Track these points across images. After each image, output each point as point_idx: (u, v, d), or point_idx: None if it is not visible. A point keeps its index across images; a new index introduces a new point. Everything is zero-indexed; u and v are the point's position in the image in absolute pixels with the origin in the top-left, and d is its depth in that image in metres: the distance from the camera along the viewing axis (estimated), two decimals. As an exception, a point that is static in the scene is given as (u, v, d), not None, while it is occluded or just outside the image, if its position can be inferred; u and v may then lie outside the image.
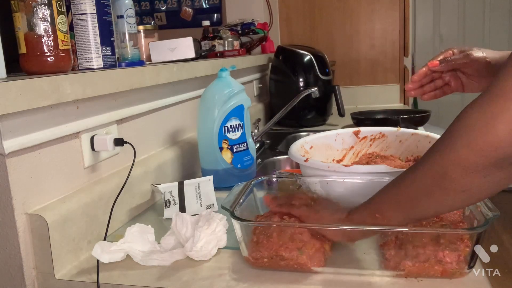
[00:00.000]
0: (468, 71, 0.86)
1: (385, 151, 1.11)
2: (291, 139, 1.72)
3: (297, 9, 2.35)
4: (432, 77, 0.91)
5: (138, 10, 2.73)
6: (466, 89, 0.88)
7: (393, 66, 2.31)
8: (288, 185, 0.91)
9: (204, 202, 0.96)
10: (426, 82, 0.91)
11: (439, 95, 0.92)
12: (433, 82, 0.91)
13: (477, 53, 0.83)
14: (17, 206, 0.70)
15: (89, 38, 0.93)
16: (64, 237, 0.75)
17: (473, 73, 0.85)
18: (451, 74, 0.89)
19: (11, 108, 0.64)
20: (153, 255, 0.75)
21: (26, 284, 0.72)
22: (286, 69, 1.94)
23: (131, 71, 0.96)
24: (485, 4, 3.87)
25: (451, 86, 0.90)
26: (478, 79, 0.86)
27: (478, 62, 0.83)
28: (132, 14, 1.14)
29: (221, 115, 1.10)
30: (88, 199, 0.82)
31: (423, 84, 0.91)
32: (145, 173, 1.01)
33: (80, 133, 0.84)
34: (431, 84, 0.91)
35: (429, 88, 0.91)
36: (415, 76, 0.90)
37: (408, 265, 0.64)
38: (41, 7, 0.78)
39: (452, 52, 0.87)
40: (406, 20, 2.27)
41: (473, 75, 0.86)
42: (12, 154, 0.69)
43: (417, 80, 0.90)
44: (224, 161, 1.12)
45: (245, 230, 0.71)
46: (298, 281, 0.67)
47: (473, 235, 0.63)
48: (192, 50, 1.30)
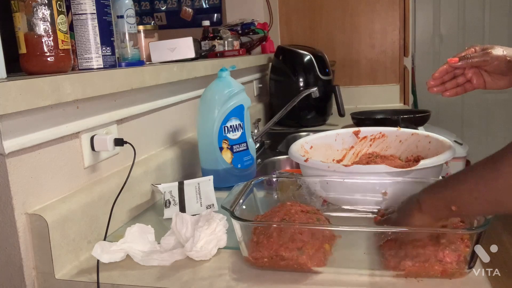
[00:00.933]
0: (488, 69, 0.87)
1: (385, 151, 1.12)
2: (291, 139, 1.72)
3: (297, 9, 2.35)
4: (454, 73, 0.92)
5: (138, 10, 2.73)
6: (488, 86, 0.89)
7: (393, 66, 2.31)
8: (288, 185, 0.91)
9: (204, 202, 0.96)
10: (448, 78, 0.92)
11: (460, 92, 0.93)
12: (455, 79, 0.92)
13: (497, 52, 0.84)
14: (17, 206, 0.70)
15: (89, 38, 0.93)
16: (64, 237, 0.75)
17: (494, 70, 0.86)
18: (473, 71, 0.90)
19: (11, 108, 0.64)
20: (153, 255, 0.75)
21: (26, 284, 0.72)
22: (286, 69, 1.94)
23: (131, 71, 0.96)
24: (485, 4, 3.86)
25: (473, 83, 0.90)
26: (499, 77, 0.87)
27: (498, 60, 0.84)
28: (132, 14, 1.14)
29: (221, 115, 1.10)
30: (88, 199, 0.82)
31: (445, 81, 0.92)
32: (145, 173, 1.01)
33: (80, 133, 0.84)
34: (453, 81, 0.92)
35: (451, 85, 0.92)
36: (436, 73, 0.91)
37: (408, 265, 0.64)
38: (41, 7, 0.78)
39: (474, 49, 0.88)
40: (406, 20, 2.27)
41: (494, 73, 0.87)
42: (12, 154, 0.69)
43: (438, 77, 0.92)
44: (224, 161, 1.12)
45: (245, 230, 0.71)
46: (298, 281, 0.67)
47: (473, 235, 0.64)
48: (192, 50, 1.30)
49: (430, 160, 0.87)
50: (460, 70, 0.91)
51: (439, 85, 0.92)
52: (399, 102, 2.32)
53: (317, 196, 0.90)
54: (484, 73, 0.89)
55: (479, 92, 4.33)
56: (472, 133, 3.98)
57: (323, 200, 0.90)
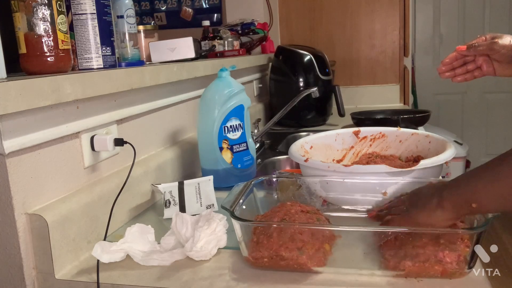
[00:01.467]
0: (495, 57, 0.91)
1: (385, 151, 1.12)
2: (291, 139, 1.72)
3: (297, 9, 2.35)
4: (464, 60, 0.96)
5: (138, 10, 2.73)
6: (498, 73, 0.93)
7: (393, 66, 2.31)
8: (288, 185, 0.91)
9: (204, 202, 0.96)
10: (458, 65, 0.97)
11: (469, 78, 0.97)
12: (465, 66, 0.96)
13: (505, 41, 0.88)
14: (17, 206, 0.70)
15: (89, 38, 0.93)
16: (64, 237, 0.75)
17: (501, 59, 0.90)
18: (483, 59, 0.93)
19: (11, 108, 0.64)
20: (153, 255, 0.75)
21: (26, 284, 0.72)
22: (286, 69, 1.94)
23: (131, 71, 0.96)
24: (485, 4, 3.86)
25: (483, 70, 0.94)
26: (507, 65, 0.90)
27: (506, 49, 0.88)
28: (132, 14, 1.14)
29: (221, 115, 1.10)
30: (88, 199, 0.82)
31: (455, 67, 0.97)
32: (145, 173, 1.01)
33: (80, 133, 0.84)
34: (463, 67, 0.96)
35: (461, 71, 0.97)
36: (446, 59, 0.96)
37: (408, 265, 0.64)
38: (41, 7, 0.78)
39: (484, 38, 0.92)
40: (406, 20, 2.27)
41: (502, 61, 0.91)
42: (12, 154, 0.69)
43: (448, 63, 0.97)
44: (224, 161, 1.12)
45: (245, 230, 0.71)
46: (298, 281, 0.67)
47: (473, 235, 0.64)
48: (192, 50, 1.30)
49: (430, 160, 0.87)
50: (471, 57, 0.95)
51: (450, 71, 0.97)
52: (399, 102, 2.32)
53: (317, 196, 0.90)
54: (494, 61, 0.92)
55: (479, 92, 4.30)
56: (472, 133, 3.98)
57: (323, 200, 0.90)
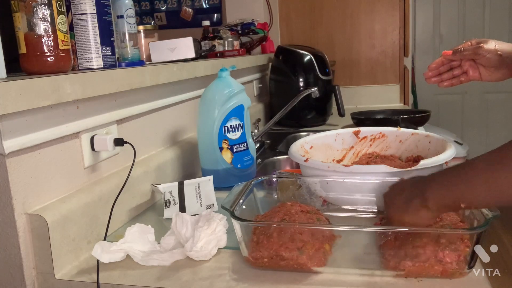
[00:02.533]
0: (481, 62, 0.91)
1: (385, 151, 1.12)
2: (291, 139, 1.72)
3: (297, 9, 2.35)
4: (451, 65, 0.96)
5: (138, 10, 2.73)
6: (484, 78, 0.93)
7: (393, 66, 2.31)
8: (288, 185, 0.91)
9: (204, 202, 0.96)
10: (444, 70, 0.97)
11: (455, 83, 0.97)
12: (452, 71, 0.96)
13: (489, 46, 0.89)
14: (17, 206, 0.70)
15: (89, 38, 0.93)
16: (64, 237, 0.75)
17: (486, 63, 0.90)
18: (469, 64, 0.94)
19: (11, 108, 0.64)
20: (153, 255, 0.75)
21: (26, 284, 0.72)
22: (286, 69, 1.94)
23: (131, 71, 0.96)
24: (485, 4, 3.87)
25: (469, 75, 0.94)
26: (492, 70, 0.90)
27: (491, 54, 0.88)
28: (132, 14, 1.14)
29: (221, 115, 1.10)
30: (88, 199, 0.82)
31: (442, 72, 0.97)
32: (145, 173, 1.01)
33: (80, 133, 0.84)
34: (450, 73, 0.96)
35: (447, 76, 0.97)
36: (432, 64, 0.97)
37: (408, 265, 0.64)
38: (41, 7, 0.78)
39: (470, 43, 0.92)
40: (406, 20, 2.27)
41: (487, 66, 0.91)
42: (12, 154, 0.69)
43: (434, 68, 0.97)
44: (224, 161, 1.12)
45: (245, 230, 0.71)
46: (298, 281, 0.67)
47: (473, 235, 0.64)
48: (192, 50, 1.30)
49: (430, 160, 0.87)
50: (457, 62, 0.95)
51: (436, 76, 0.97)
52: (399, 102, 2.32)
53: (317, 196, 0.90)
54: (480, 65, 0.92)
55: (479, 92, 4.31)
56: (472, 133, 3.98)
57: (323, 200, 0.90)
